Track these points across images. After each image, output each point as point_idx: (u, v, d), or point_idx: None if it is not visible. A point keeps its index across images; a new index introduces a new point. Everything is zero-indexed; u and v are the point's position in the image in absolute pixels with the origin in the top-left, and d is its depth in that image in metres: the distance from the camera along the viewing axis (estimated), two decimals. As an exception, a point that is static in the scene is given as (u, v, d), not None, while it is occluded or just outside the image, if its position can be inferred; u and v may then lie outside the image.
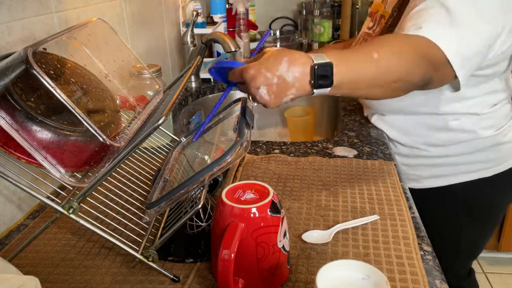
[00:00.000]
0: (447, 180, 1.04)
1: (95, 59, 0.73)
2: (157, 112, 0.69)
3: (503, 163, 1.01)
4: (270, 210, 0.56)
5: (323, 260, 0.64)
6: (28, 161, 0.57)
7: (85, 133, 0.60)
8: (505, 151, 1.00)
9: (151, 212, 0.63)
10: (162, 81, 1.05)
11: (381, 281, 0.46)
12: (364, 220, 0.73)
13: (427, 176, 1.05)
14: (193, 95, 1.50)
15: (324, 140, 1.06)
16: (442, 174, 1.04)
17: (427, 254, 0.66)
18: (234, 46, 1.33)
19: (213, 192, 0.79)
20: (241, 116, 0.68)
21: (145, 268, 0.64)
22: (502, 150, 1.00)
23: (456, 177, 1.03)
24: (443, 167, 1.03)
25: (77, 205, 0.56)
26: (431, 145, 1.01)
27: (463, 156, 1.00)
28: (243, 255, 0.55)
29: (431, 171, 1.04)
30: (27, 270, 0.64)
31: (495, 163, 1.01)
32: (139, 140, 0.56)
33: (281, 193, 0.83)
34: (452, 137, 0.99)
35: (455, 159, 1.01)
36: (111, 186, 0.70)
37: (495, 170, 1.01)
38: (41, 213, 0.79)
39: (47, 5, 0.82)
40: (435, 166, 1.03)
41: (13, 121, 0.54)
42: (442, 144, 1.00)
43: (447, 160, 1.01)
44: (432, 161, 1.03)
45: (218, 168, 0.57)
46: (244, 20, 1.73)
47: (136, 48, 1.21)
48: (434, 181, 1.05)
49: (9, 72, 0.56)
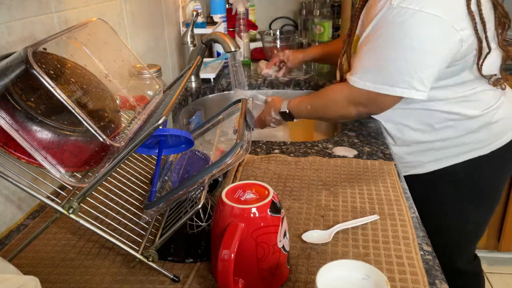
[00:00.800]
0: (448, 161, 1.09)
1: (95, 59, 0.73)
2: (157, 112, 0.69)
3: (497, 141, 1.07)
4: (270, 210, 0.56)
5: (323, 260, 0.64)
6: (28, 161, 0.57)
7: (85, 133, 0.60)
8: (496, 130, 1.06)
9: (150, 212, 0.63)
10: (162, 81, 1.05)
11: (381, 281, 0.46)
12: (364, 220, 0.73)
13: (429, 160, 1.10)
14: (193, 95, 1.50)
15: (324, 140, 1.06)
16: (442, 156, 1.09)
17: (427, 254, 0.66)
18: (234, 46, 1.33)
19: (213, 192, 0.79)
20: (241, 117, 0.68)
21: (145, 268, 0.64)
22: (493, 129, 1.06)
23: (456, 158, 1.08)
24: (442, 150, 1.08)
25: (77, 205, 0.56)
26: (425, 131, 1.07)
27: (458, 139, 1.06)
28: (243, 255, 0.55)
29: (432, 155, 1.09)
30: (27, 270, 0.64)
31: (489, 142, 1.07)
32: (139, 140, 0.56)
33: (281, 193, 0.83)
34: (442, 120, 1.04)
35: (451, 142, 1.06)
36: (111, 186, 0.70)
37: (490, 147, 1.07)
38: (41, 213, 0.79)
39: (47, 5, 0.82)
40: (434, 150, 1.09)
41: (13, 121, 0.54)
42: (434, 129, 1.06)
43: (444, 143, 1.07)
44: (431, 146, 1.08)
45: (218, 169, 0.57)
46: (244, 20, 1.73)
47: (136, 48, 1.21)
48: (437, 164, 1.10)
49: (9, 72, 0.56)
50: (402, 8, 0.87)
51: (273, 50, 1.80)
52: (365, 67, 0.95)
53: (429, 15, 0.86)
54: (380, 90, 0.93)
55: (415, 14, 0.86)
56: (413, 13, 0.86)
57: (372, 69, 0.93)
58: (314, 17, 1.93)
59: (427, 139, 1.07)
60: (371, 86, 0.94)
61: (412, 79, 0.90)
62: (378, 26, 0.92)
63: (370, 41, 0.94)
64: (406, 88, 0.91)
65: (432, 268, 0.63)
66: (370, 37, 0.94)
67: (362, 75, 0.95)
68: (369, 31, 0.94)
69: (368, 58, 0.94)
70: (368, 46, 0.94)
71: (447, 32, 0.89)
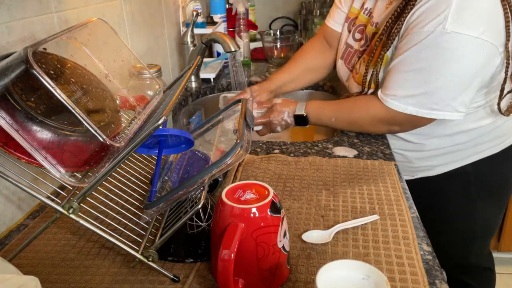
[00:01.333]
0: (459, 163, 1.08)
1: (95, 59, 0.73)
2: (157, 112, 0.69)
3: (507, 139, 1.07)
4: (270, 210, 0.56)
5: (323, 260, 0.64)
6: (28, 161, 0.57)
7: (85, 133, 0.60)
8: (505, 129, 1.06)
9: (150, 212, 0.63)
10: (162, 81, 1.05)
11: (381, 281, 0.46)
12: (364, 220, 0.73)
13: (439, 164, 1.09)
14: (193, 95, 1.50)
15: (324, 140, 1.06)
16: (453, 160, 1.08)
17: (427, 254, 0.66)
18: (234, 46, 1.33)
19: (213, 192, 0.79)
20: (241, 117, 0.68)
21: (145, 268, 0.64)
22: (503, 129, 1.06)
23: (467, 159, 1.07)
24: (453, 153, 1.07)
25: (77, 205, 0.56)
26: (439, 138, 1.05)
27: (469, 142, 1.05)
28: (243, 255, 0.55)
29: (443, 159, 1.08)
30: (27, 270, 0.64)
31: (500, 140, 1.07)
32: (139, 140, 0.56)
33: (281, 193, 0.83)
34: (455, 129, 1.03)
35: (462, 145, 1.06)
36: (111, 186, 0.70)
37: (502, 146, 1.07)
38: (41, 213, 0.79)
39: (47, 5, 0.82)
40: (445, 154, 1.07)
41: (13, 121, 0.54)
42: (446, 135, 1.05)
43: (455, 147, 1.06)
44: (443, 151, 1.07)
45: (217, 170, 0.57)
46: (244, 20, 1.73)
47: (136, 48, 1.21)
48: (446, 166, 1.09)
49: (9, 72, 0.56)
50: (457, 34, 0.84)
51: (273, 50, 1.80)
52: (407, 91, 0.91)
53: (483, 41, 0.84)
54: (424, 115, 0.91)
55: (470, 41, 0.84)
56: (469, 39, 0.84)
57: (416, 93, 0.90)
58: (314, 17, 1.93)
59: (439, 146, 1.06)
60: (414, 111, 0.91)
61: (457, 103, 0.89)
62: (425, 49, 0.87)
63: (412, 63, 0.90)
64: (449, 112, 0.90)
65: (432, 268, 0.63)
66: (412, 59, 0.90)
67: (403, 99, 0.92)
68: (411, 52, 0.90)
69: (411, 81, 0.91)
70: (409, 68, 0.90)
71: (493, 54, 0.88)
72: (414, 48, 0.89)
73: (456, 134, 1.04)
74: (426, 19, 0.87)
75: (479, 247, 1.23)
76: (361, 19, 1.12)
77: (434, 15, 0.86)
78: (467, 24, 0.84)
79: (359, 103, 1.03)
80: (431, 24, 0.86)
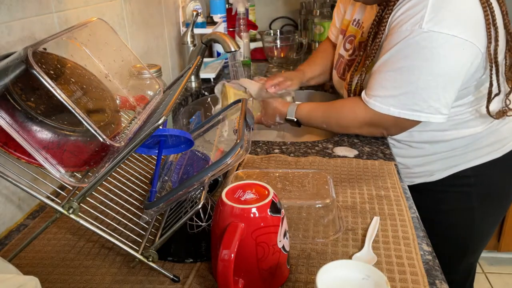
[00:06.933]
0: (459, 167, 1.07)
1: (95, 59, 0.73)
2: (157, 112, 0.69)
3: (508, 143, 1.06)
4: (270, 210, 0.56)
5: (323, 260, 0.64)
6: (28, 161, 0.57)
7: (85, 133, 0.60)
8: (504, 133, 1.05)
9: (150, 212, 0.63)
10: (162, 81, 1.05)
11: (381, 281, 0.46)
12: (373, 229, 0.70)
13: (438, 169, 1.08)
14: (193, 95, 1.50)
15: (324, 140, 1.06)
16: (452, 164, 1.07)
17: (427, 254, 0.66)
18: (234, 46, 1.33)
19: (213, 192, 0.79)
20: (241, 117, 0.68)
21: (145, 268, 0.64)
22: (502, 132, 1.04)
23: (467, 163, 1.06)
24: (451, 158, 1.06)
25: (77, 205, 0.56)
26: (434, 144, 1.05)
27: (466, 147, 1.04)
28: (243, 255, 0.55)
29: (441, 164, 1.07)
30: (27, 270, 0.64)
31: (500, 144, 1.05)
32: (139, 140, 0.56)
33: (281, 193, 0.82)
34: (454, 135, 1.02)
35: (460, 150, 1.05)
36: (111, 186, 0.70)
37: (503, 150, 1.05)
38: (41, 213, 0.79)
39: (47, 5, 0.82)
40: (443, 159, 1.06)
41: (13, 121, 0.54)
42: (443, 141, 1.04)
43: (453, 152, 1.05)
44: (440, 156, 1.06)
45: (218, 169, 0.57)
46: (244, 20, 1.73)
47: (136, 48, 1.21)
48: (446, 171, 1.08)
49: (9, 72, 0.56)
50: (434, 33, 0.84)
51: (273, 50, 1.80)
52: (388, 91, 0.91)
53: (462, 40, 0.84)
54: (406, 116, 0.91)
55: (448, 40, 0.84)
56: (446, 38, 0.84)
57: (397, 93, 0.90)
58: (314, 17, 1.93)
59: (436, 151, 1.05)
60: (396, 112, 0.91)
61: (439, 105, 0.89)
62: (404, 49, 0.88)
63: (393, 63, 0.90)
64: (432, 114, 0.90)
65: (432, 268, 0.63)
66: (393, 59, 0.90)
67: (385, 100, 0.91)
68: (391, 53, 0.90)
69: (392, 81, 0.90)
70: (390, 68, 0.90)
71: (475, 55, 0.87)
72: (394, 48, 0.89)
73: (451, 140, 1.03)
74: (405, 19, 0.88)
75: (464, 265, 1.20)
76: (351, 30, 1.14)
77: (412, 15, 0.87)
78: (444, 23, 0.84)
79: (346, 108, 1.03)
80: (409, 24, 0.87)
